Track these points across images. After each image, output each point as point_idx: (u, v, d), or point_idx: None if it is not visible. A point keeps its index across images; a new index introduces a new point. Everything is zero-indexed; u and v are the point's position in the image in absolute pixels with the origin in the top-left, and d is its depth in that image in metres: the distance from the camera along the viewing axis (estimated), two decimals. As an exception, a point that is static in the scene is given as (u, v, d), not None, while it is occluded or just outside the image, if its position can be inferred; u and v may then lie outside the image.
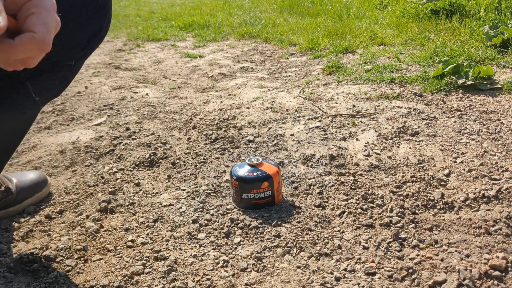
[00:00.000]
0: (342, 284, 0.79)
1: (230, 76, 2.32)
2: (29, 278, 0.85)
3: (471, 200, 1.02)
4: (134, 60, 2.79)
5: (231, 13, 4.44)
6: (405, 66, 2.12)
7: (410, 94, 1.73)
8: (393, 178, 1.14)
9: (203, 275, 0.83)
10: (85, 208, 1.10)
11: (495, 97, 1.65)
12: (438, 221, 0.95)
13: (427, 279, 0.79)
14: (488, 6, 2.80)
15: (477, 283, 0.77)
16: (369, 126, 1.47)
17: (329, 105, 1.71)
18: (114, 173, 1.26)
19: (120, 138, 1.50)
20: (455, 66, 1.79)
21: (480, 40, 2.28)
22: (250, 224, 0.98)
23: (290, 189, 1.12)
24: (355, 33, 2.84)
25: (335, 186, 1.12)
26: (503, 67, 1.95)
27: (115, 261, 0.89)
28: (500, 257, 0.81)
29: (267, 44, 3.05)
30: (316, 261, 0.86)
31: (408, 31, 2.74)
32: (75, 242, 0.96)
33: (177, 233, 0.97)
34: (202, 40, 3.34)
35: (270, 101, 1.81)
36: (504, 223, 0.92)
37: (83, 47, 0.86)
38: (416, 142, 1.33)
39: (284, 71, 2.34)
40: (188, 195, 1.12)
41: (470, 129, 1.39)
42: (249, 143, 1.42)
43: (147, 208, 1.08)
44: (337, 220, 0.99)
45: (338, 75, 2.09)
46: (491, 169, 1.14)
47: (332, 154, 1.28)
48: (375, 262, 0.84)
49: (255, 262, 0.86)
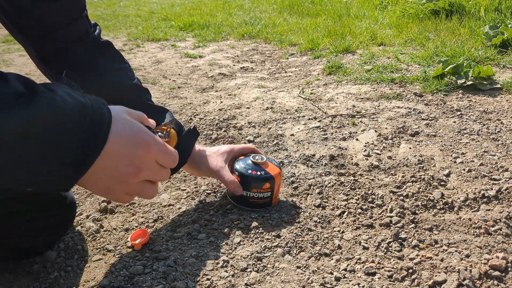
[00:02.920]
0: (342, 284, 0.79)
1: (230, 76, 2.32)
2: (29, 278, 0.85)
3: (471, 200, 1.02)
4: (134, 60, 2.79)
5: (231, 13, 4.44)
6: (405, 66, 2.12)
7: (410, 94, 1.73)
8: (393, 178, 1.14)
9: (203, 275, 0.83)
10: (85, 208, 1.10)
11: (495, 97, 1.65)
12: (438, 221, 0.95)
13: (427, 279, 0.79)
14: (488, 6, 2.80)
15: (477, 283, 0.77)
16: (369, 126, 1.47)
17: (329, 105, 1.71)
18: (114, 173, 1.26)
19: (120, 138, 1.50)
20: (455, 66, 1.79)
21: (480, 40, 2.28)
22: (250, 224, 0.98)
23: (290, 189, 1.12)
24: (355, 33, 2.84)
25: (335, 186, 1.12)
26: (503, 67, 1.96)
27: (115, 261, 0.89)
28: (500, 257, 0.81)
29: (267, 44, 3.05)
30: (316, 261, 0.86)
31: (408, 31, 2.74)
32: (75, 242, 0.96)
33: (177, 233, 0.97)
34: (202, 40, 3.34)
35: (270, 101, 1.81)
36: (504, 223, 0.92)
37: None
38: (416, 142, 1.33)
39: (284, 71, 2.34)
40: (188, 195, 1.12)
41: (470, 129, 1.39)
42: (249, 143, 1.42)
43: (147, 208, 1.08)
44: (337, 220, 0.99)
45: (338, 75, 2.09)
46: (491, 169, 1.14)
47: (332, 154, 1.28)
48: (375, 262, 0.84)
49: (255, 262, 0.86)
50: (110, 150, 0.54)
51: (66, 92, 0.51)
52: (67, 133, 0.49)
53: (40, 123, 0.47)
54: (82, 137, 0.50)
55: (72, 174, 0.52)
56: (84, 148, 0.51)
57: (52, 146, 0.49)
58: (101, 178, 0.56)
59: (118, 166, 0.56)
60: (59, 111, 0.49)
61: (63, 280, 0.84)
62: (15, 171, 0.49)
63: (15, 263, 0.89)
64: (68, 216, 0.94)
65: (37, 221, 0.86)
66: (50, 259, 0.89)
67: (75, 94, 0.52)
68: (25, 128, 0.46)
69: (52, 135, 0.48)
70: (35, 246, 0.89)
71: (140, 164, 0.58)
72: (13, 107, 0.45)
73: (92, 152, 0.52)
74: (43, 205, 0.87)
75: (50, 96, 0.48)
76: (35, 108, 0.46)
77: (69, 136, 0.49)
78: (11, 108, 0.45)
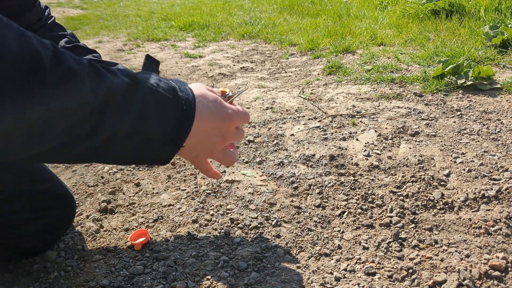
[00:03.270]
0: (342, 284, 0.79)
1: (230, 76, 2.32)
2: (29, 278, 0.85)
3: (471, 200, 1.02)
4: (134, 60, 2.79)
5: (231, 13, 4.44)
6: (405, 66, 2.12)
7: (410, 94, 1.73)
8: (393, 178, 1.14)
9: (203, 275, 0.83)
10: (85, 208, 1.10)
11: (495, 97, 1.65)
12: (438, 221, 0.95)
13: (427, 279, 0.79)
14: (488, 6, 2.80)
15: (477, 283, 0.77)
16: (369, 126, 1.47)
17: (329, 105, 1.71)
18: (114, 173, 1.26)
19: (120, 138, 1.50)
20: (455, 66, 1.79)
21: (480, 40, 2.28)
22: (250, 224, 0.98)
23: (290, 189, 1.12)
24: (355, 33, 2.84)
25: (335, 186, 1.12)
26: (503, 67, 1.96)
27: (115, 261, 0.89)
28: (500, 257, 0.81)
29: (267, 44, 3.05)
30: (316, 261, 0.86)
31: (408, 31, 2.74)
32: (75, 242, 0.96)
33: (177, 233, 0.97)
34: (202, 40, 3.34)
35: (270, 101, 1.81)
36: (504, 223, 0.92)
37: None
38: (416, 142, 1.33)
39: (284, 71, 2.34)
40: (188, 195, 1.12)
41: (470, 129, 1.39)
42: (249, 143, 1.42)
43: (147, 208, 1.08)
44: (337, 220, 0.99)
45: (338, 75, 2.09)
46: (491, 169, 1.14)
47: (332, 154, 1.28)
48: (375, 262, 0.84)
49: (255, 262, 0.86)
50: (200, 125, 0.60)
51: (157, 78, 0.57)
52: (167, 115, 0.55)
53: (147, 108, 0.53)
54: (177, 117, 0.56)
55: (170, 151, 0.59)
56: (179, 127, 0.57)
57: (156, 127, 0.54)
58: (193, 149, 0.64)
59: (208, 138, 0.64)
60: (160, 96, 0.54)
61: (63, 280, 0.84)
62: (128, 151, 0.55)
63: (15, 263, 0.89)
64: (68, 216, 0.94)
65: (37, 221, 0.86)
66: (50, 259, 0.89)
67: (163, 79, 0.57)
68: (137, 114, 0.52)
69: (155, 118, 0.54)
70: (35, 246, 0.89)
71: (226, 134, 0.66)
72: (125, 97, 0.51)
73: (185, 129, 0.58)
74: (43, 205, 0.87)
75: (151, 84, 0.54)
76: (142, 96, 0.52)
77: (168, 117, 0.55)
78: (124, 97, 0.51)
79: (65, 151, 0.49)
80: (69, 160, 0.53)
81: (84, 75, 0.46)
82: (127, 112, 0.51)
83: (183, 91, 0.58)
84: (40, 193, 0.87)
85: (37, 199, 0.86)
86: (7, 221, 0.83)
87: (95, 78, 0.48)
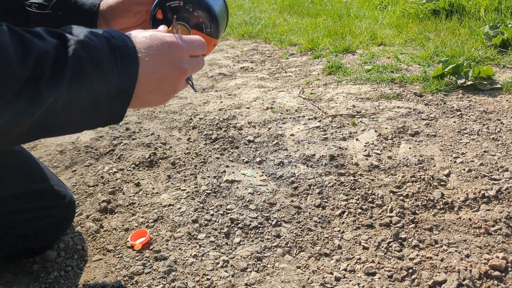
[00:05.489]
0: (342, 284, 0.79)
1: (230, 76, 2.32)
2: (29, 278, 0.85)
3: (471, 200, 1.02)
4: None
5: (231, 13, 4.44)
6: (405, 66, 2.12)
7: (410, 94, 1.73)
8: (393, 178, 1.14)
9: (203, 275, 0.83)
10: (85, 208, 1.10)
11: (495, 97, 1.65)
12: (438, 221, 0.95)
13: (427, 279, 0.79)
14: (488, 6, 2.80)
15: (477, 283, 0.77)
16: (369, 126, 1.47)
17: (329, 105, 1.71)
18: (114, 173, 1.26)
19: (120, 138, 1.50)
20: (455, 66, 1.79)
21: (480, 40, 2.28)
22: (250, 224, 0.98)
23: (290, 189, 1.12)
24: (355, 33, 2.84)
25: (335, 186, 1.12)
26: (503, 67, 1.96)
27: (115, 261, 0.89)
28: (500, 257, 0.81)
29: (267, 44, 3.05)
30: (316, 261, 0.86)
31: (408, 31, 2.74)
32: (75, 242, 0.96)
33: (177, 233, 0.97)
34: (202, 40, 3.34)
35: (270, 101, 1.81)
36: (504, 223, 0.92)
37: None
38: (416, 142, 1.33)
39: (284, 71, 2.34)
40: (188, 195, 1.12)
41: (470, 129, 1.39)
42: (249, 143, 1.42)
43: (147, 208, 1.08)
44: (337, 220, 0.99)
45: (338, 75, 2.09)
46: (491, 169, 1.14)
47: (332, 154, 1.28)
48: (375, 262, 0.84)
49: (255, 262, 0.86)
50: (147, 66, 0.55)
51: (88, 31, 0.52)
52: (107, 68, 0.50)
53: (83, 66, 0.48)
54: (119, 68, 0.51)
55: (121, 105, 0.54)
56: (123, 77, 0.52)
57: (98, 84, 0.50)
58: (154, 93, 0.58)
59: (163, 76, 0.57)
60: (94, 51, 0.49)
61: (63, 280, 0.84)
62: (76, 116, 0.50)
63: (15, 263, 0.89)
64: (67, 216, 0.94)
65: (37, 221, 0.86)
66: (50, 259, 0.89)
67: (94, 31, 0.52)
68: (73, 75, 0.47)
69: (95, 74, 0.49)
70: (35, 246, 0.89)
71: (180, 63, 0.59)
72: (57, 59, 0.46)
73: (131, 77, 0.53)
74: (43, 205, 0.87)
75: (81, 40, 0.49)
76: (75, 54, 0.47)
77: (109, 70, 0.51)
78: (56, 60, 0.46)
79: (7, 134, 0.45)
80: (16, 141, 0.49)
81: (7, 45, 0.42)
82: (62, 75, 0.46)
83: (117, 38, 0.53)
84: (40, 193, 0.87)
85: (37, 199, 0.86)
86: (7, 221, 0.83)
87: (20, 46, 0.43)
